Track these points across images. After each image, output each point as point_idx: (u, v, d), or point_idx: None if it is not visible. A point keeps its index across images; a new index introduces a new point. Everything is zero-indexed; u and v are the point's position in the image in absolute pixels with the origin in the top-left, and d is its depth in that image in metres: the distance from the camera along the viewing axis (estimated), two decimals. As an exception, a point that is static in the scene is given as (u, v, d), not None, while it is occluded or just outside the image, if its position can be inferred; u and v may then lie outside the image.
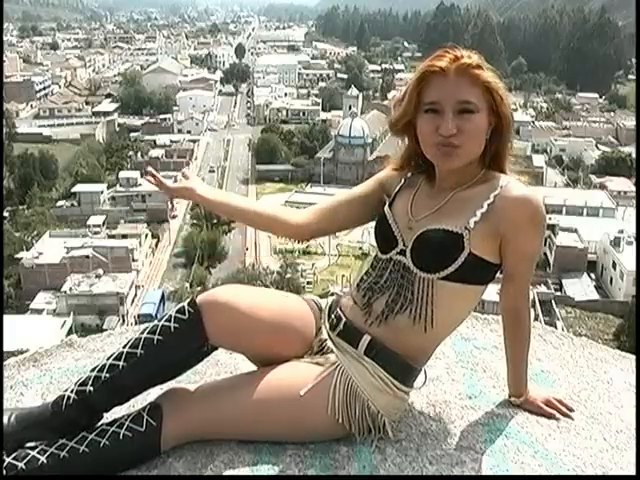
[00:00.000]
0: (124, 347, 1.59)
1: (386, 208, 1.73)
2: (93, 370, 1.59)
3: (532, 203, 1.58)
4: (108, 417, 1.60)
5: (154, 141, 66.97)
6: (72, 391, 1.57)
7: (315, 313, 1.75)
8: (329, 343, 1.69)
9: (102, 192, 51.24)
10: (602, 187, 52.17)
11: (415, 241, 1.62)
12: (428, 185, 1.71)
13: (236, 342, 1.66)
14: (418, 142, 1.64)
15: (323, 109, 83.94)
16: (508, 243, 1.59)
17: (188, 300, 1.63)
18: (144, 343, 1.57)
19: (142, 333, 1.60)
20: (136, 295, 37.50)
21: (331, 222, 1.82)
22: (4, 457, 1.49)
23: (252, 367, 1.75)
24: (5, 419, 1.56)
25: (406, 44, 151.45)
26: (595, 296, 34.90)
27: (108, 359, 1.59)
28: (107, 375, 1.56)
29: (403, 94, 1.64)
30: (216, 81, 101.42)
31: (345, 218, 1.82)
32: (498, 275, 1.67)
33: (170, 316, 1.60)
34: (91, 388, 1.56)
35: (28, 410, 1.60)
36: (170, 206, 52.12)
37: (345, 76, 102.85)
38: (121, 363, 1.57)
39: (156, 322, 1.61)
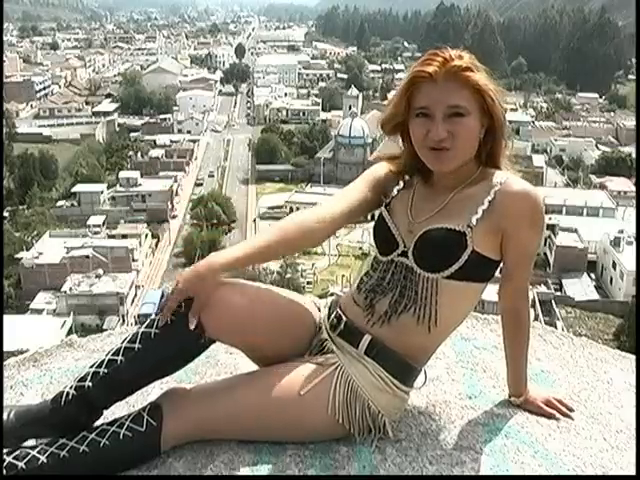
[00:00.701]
0: (122, 342, 1.59)
1: (384, 211, 1.72)
2: (92, 366, 1.59)
3: (533, 197, 1.58)
4: (108, 417, 1.60)
5: (154, 141, 67.00)
6: (71, 387, 1.58)
7: (315, 312, 1.75)
8: (329, 343, 1.69)
9: (102, 192, 51.28)
10: (602, 187, 52.19)
11: (417, 242, 1.62)
12: (425, 186, 1.71)
13: (233, 337, 1.65)
14: (411, 142, 1.65)
15: (323, 109, 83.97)
16: (510, 238, 1.60)
17: None
18: (142, 337, 1.57)
19: (140, 327, 1.60)
20: (136, 295, 37.51)
21: (344, 222, 1.76)
22: (4, 456, 1.49)
23: (252, 367, 1.74)
24: (4, 416, 1.56)
25: (406, 44, 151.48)
26: (595, 296, 34.92)
27: (107, 355, 1.59)
28: (105, 370, 1.56)
29: (393, 97, 1.66)
30: (216, 81, 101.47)
31: (355, 217, 1.80)
32: (497, 275, 1.68)
33: None
34: (90, 384, 1.56)
35: (27, 407, 1.60)
36: (170, 206, 52.19)
37: (345, 76, 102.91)
38: (119, 358, 1.56)
39: (153, 316, 1.61)
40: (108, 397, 1.59)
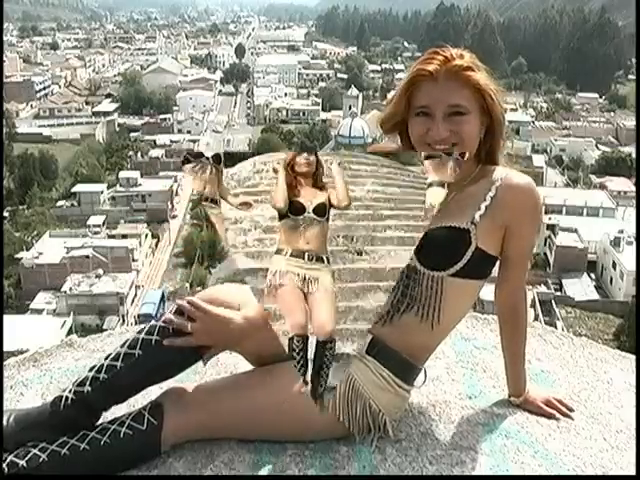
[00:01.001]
0: (122, 347, 1.59)
1: None
2: (91, 370, 1.59)
3: (534, 192, 1.60)
4: (109, 416, 1.60)
5: (154, 141, 66.96)
6: (70, 391, 1.58)
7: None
8: (329, 343, 1.69)
9: (102, 192, 51.21)
10: (602, 187, 52.11)
11: (419, 241, 1.62)
12: None
13: (232, 346, 1.66)
14: (409, 140, 1.66)
15: (323, 109, 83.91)
16: (512, 233, 1.60)
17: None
18: (142, 343, 1.57)
19: (140, 334, 1.60)
20: (136, 295, 37.47)
21: None
22: (5, 455, 1.49)
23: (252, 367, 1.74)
24: (4, 420, 1.56)
25: (406, 44, 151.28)
26: (595, 296, 34.89)
27: (106, 359, 1.59)
28: (105, 376, 1.56)
29: (393, 96, 1.66)
30: (216, 81, 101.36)
31: None
32: (494, 274, 1.68)
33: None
34: (89, 388, 1.56)
35: (26, 411, 1.61)
36: (170, 206, 52.16)
37: (345, 76, 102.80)
38: (119, 364, 1.57)
39: (153, 323, 1.61)
40: (107, 400, 1.60)
